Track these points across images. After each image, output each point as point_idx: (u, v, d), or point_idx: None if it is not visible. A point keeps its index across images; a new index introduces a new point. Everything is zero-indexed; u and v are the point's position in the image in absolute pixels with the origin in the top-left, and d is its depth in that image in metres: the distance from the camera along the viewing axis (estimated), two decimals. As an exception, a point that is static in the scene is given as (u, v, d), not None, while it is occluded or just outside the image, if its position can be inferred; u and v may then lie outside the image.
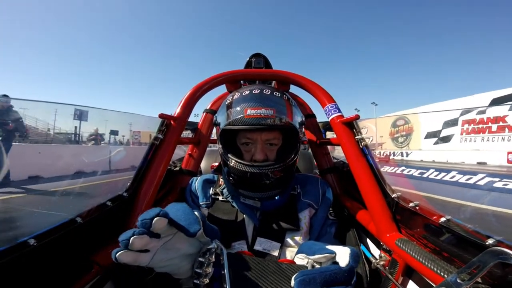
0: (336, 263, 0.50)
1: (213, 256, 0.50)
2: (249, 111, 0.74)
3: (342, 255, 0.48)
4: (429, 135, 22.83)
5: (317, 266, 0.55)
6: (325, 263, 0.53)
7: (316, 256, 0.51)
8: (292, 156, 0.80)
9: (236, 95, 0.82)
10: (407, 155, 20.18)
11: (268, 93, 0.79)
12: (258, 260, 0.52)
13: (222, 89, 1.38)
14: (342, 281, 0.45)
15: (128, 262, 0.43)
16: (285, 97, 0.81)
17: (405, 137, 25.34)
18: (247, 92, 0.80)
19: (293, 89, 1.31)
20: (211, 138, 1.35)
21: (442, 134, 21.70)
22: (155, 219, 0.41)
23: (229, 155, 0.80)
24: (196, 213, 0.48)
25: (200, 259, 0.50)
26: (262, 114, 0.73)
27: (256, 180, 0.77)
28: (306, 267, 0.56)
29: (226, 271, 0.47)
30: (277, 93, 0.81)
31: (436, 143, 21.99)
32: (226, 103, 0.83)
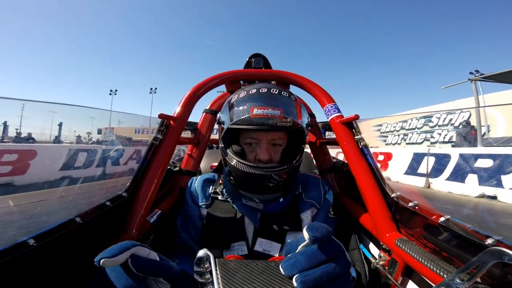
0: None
1: (208, 264, 0.49)
2: (255, 111, 0.71)
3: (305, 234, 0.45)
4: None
5: None
6: None
7: (300, 247, 0.49)
8: (297, 158, 0.78)
9: (242, 93, 0.78)
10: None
11: (276, 92, 0.76)
12: (246, 262, 0.51)
13: (221, 89, 1.39)
14: (327, 259, 0.44)
15: None
16: (293, 97, 0.79)
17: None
18: (254, 90, 0.77)
19: (293, 89, 1.31)
20: (210, 138, 1.36)
21: None
22: None
23: (231, 154, 0.77)
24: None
25: (197, 269, 0.50)
26: (269, 114, 0.70)
27: (259, 182, 0.74)
28: None
29: (214, 278, 0.47)
30: (285, 93, 0.78)
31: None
32: (232, 101, 0.79)
